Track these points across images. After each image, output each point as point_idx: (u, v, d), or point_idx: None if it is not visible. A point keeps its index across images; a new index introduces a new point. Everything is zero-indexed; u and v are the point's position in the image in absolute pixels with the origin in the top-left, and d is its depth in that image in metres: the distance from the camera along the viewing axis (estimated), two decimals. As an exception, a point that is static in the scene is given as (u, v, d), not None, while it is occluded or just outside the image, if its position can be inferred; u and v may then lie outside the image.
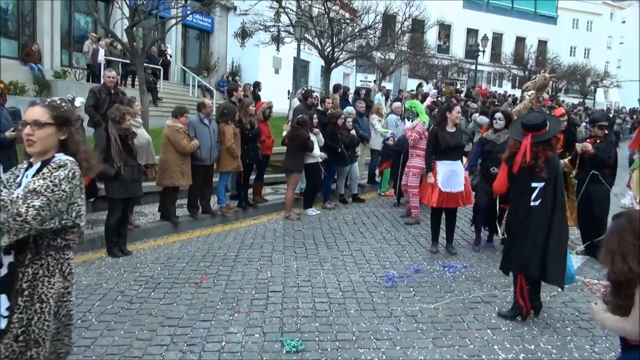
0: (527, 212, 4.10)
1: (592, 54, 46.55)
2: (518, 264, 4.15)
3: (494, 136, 6.12)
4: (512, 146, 4.17)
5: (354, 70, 29.77)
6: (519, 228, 4.15)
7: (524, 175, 4.09)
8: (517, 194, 4.18)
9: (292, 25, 16.98)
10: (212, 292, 4.75)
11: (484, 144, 6.21)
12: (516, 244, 4.18)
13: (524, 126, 4.10)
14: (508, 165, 4.18)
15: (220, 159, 7.22)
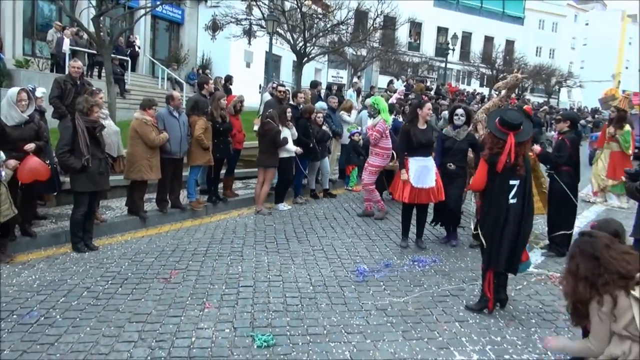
0: (507, 210, 4.17)
1: (557, 54, 47.90)
2: (499, 262, 4.22)
3: (453, 133, 6.16)
4: (494, 144, 4.13)
5: (325, 66, 29.76)
6: (501, 227, 4.17)
7: (504, 174, 4.12)
8: (497, 193, 4.16)
9: (264, 19, 16.85)
10: (181, 287, 4.68)
11: (444, 140, 6.25)
12: (499, 243, 4.19)
13: (508, 125, 4.08)
14: (490, 163, 4.15)
15: (190, 153, 7.12)
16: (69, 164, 5.34)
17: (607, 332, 2.63)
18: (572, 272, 2.77)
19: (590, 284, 2.66)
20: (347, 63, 26.10)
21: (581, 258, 2.73)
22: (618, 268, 2.60)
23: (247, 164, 9.85)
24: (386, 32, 25.28)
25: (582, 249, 2.76)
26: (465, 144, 6.12)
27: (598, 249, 2.68)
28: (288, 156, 7.80)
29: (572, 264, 2.78)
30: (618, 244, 2.78)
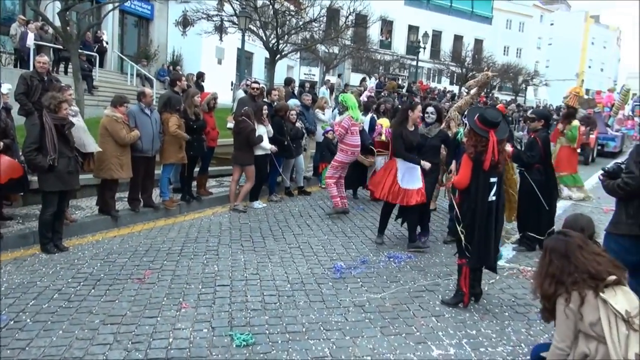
0: (489, 207, 4.24)
1: (524, 53, 49.05)
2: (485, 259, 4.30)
3: (425, 130, 6.18)
4: (478, 143, 4.16)
5: (297, 63, 29.72)
6: (482, 224, 4.24)
7: (486, 172, 4.18)
8: (480, 190, 4.21)
9: (236, 15, 16.70)
10: (156, 287, 4.61)
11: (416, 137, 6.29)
12: (483, 240, 4.26)
13: (489, 123, 4.14)
14: (474, 161, 4.18)
15: (163, 151, 7.00)
16: (36, 163, 5.17)
17: (570, 330, 2.68)
18: (542, 268, 2.84)
19: (556, 281, 2.72)
20: (319, 60, 26.10)
21: (553, 256, 2.80)
22: (589, 268, 2.67)
23: (221, 161, 9.76)
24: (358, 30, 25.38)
25: (555, 248, 2.82)
26: (437, 140, 6.16)
27: (570, 249, 2.75)
28: (263, 154, 7.76)
29: (544, 261, 2.85)
30: (591, 245, 2.84)
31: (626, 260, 3.71)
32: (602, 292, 2.62)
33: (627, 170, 3.68)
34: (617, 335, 2.55)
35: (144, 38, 22.70)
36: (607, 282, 2.64)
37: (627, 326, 2.55)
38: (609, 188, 3.85)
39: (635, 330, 2.55)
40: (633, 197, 3.69)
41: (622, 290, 2.65)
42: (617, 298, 2.60)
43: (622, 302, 2.59)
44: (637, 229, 3.71)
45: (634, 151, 3.75)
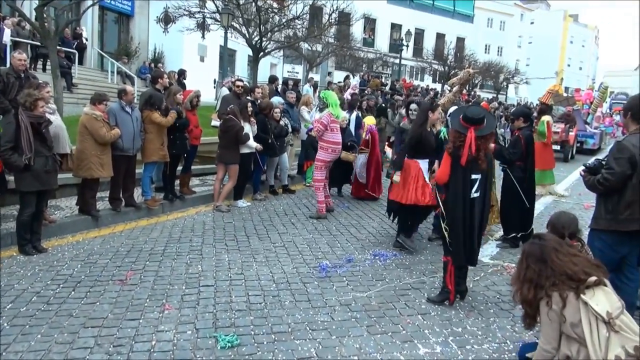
0: (470, 204, 4.24)
1: (505, 52, 49.62)
2: (468, 256, 4.29)
3: (409, 126, 6.15)
4: (456, 138, 4.22)
5: (281, 61, 29.59)
6: (464, 221, 4.25)
7: (466, 168, 4.20)
8: (459, 186, 4.23)
9: (219, 12, 16.53)
10: (139, 289, 4.52)
11: (402, 133, 6.30)
12: (463, 237, 4.26)
13: (468, 120, 4.18)
14: (453, 157, 4.22)
15: (144, 149, 6.89)
16: (12, 162, 5.02)
17: (556, 332, 2.68)
18: (520, 274, 2.84)
19: (535, 285, 2.72)
20: (302, 58, 26.02)
21: (530, 261, 2.79)
22: (565, 269, 2.66)
23: (204, 160, 9.66)
24: (341, 27, 25.40)
25: (531, 252, 2.82)
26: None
27: (546, 252, 2.75)
28: (248, 152, 7.68)
29: (521, 266, 2.85)
30: (567, 247, 2.84)
31: (610, 256, 3.77)
32: (583, 293, 2.61)
33: (607, 166, 3.72)
34: (597, 337, 2.54)
35: (124, 35, 22.35)
36: (588, 283, 2.63)
37: (608, 328, 2.54)
38: (590, 184, 3.89)
39: (616, 331, 2.54)
40: (612, 193, 3.74)
41: (603, 290, 2.65)
42: (598, 299, 2.60)
43: (603, 303, 2.59)
44: (615, 224, 3.76)
45: (614, 148, 3.79)
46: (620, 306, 2.64)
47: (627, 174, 3.61)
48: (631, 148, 3.62)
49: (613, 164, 3.65)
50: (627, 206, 3.68)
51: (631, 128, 3.81)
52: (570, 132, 15.49)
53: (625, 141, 3.69)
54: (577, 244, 3.50)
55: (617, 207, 3.73)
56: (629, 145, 3.63)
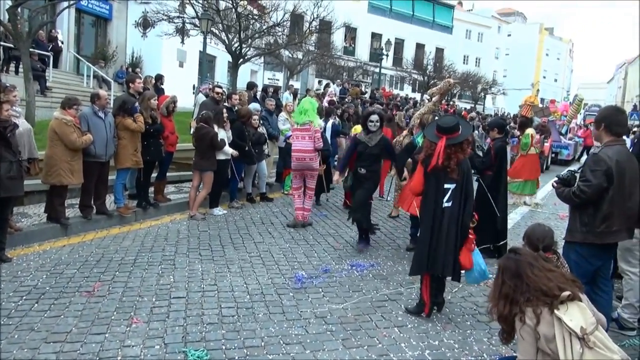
0: (441, 213, 4.20)
1: (483, 63, 50.49)
2: (435, 266, 4.24)
3: (366, 138, 6.08)
4: (428, 148, 4.23)
5: (261, 68, 29.49)
6: (433, 230, 4.22)
7: (438, 177, 4.19)
8: (431, 196, 4.23)
9: (198, 18, 16.37)
10: (106, 301, 4.34)
11: (356, 144, 6.18)
12: (432, 246, 4.23)
13: (440, 129, 4.19)
14: (424, 166, 4.22)
15: (117, 155, 6.71)
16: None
17: (532, 348, 2.62)
18: (496, 289, 2.79)
19: (510, 301, 2.67)
20: (283, 65, 25.96)
21: (505, 276, 2.75)
22: (540, 285, 2.61)
23: (180, 167, 9.49)
24: (322, 35, 25.46)
25: (506, 267, 2.77)
26: (377, 149, 6.08)
27: (521, 267, 2.70)
28: (224, 158, 7.56)
29: (497, 282, 2.80)
30: (542, 262, 2.80)
31: (585, 268, 3.76)
32: (557, 309, 2.56)
33: (584, 178, 3.71)
34: (571, 353, 2.48)
35: (101, 38, 21.97)
36: (562, 298, 2.59)
37: (582, 344, 2.49)
38: (564, 195, 3.88)
39: (590, 347, 2.48)
40: (587, 205, 3.73)
41: (578, 306, 2.61)
42: (572, 314, 2.55)
43: (577, 318, 2.54)
44: (591, 237, 3.75)
45: (590, 160, 3.79)
46: (594, 322, 2.60)
47: (604, 186, 3.61)
48: (607, 160, 3.62)
49: (589, 176, 3.64)
50: (603, 219, 3.67)
51: (605, 140, 3.81)
52: (545, 142, 15.73)
53: (601, 153, 3.68)
54: (552, 257, 3.48)
55: (593, 220, 3.72)
56: (605, 158, 3.63)
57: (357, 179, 6.20)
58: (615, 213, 3.68)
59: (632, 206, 3.76)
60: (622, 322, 4.25)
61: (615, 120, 3.82)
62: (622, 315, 4.26)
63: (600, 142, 3.87)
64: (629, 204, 3.73)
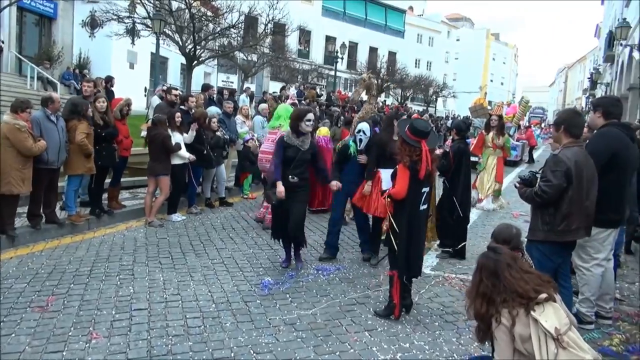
0: (419, 216, 4.23)
1: (434, 66, 51.78)
2: (414, 269, 4.25)
3: (297, 141, 5.32)
4: (413, 152, 4.15)
5: (215, 70, 29.03)
6: (412, 234, 4.23)
7: (419, 182, 4.19)
8: (412, 200, 4.21)
9: (150, 18, 15.94)
10: (62, 316, 4.09)
11: (285, 149, 5.32)
12: (413, 249, 4.25)
13: (420, 133, 4.16)
14: (414, 171, 4.15)
15: (68, 161, 6.37)
16: None
17: (508, 349, 2.66)
18: (474, 287, 2.81)
19: (487, 300, 2.70)
20: (237, 68, 25.65)
21: (483, 274, 2.77)
22: (516, 287, 2.64)
23: (135, 172, 9.15)
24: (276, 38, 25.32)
25: (485, 266, 2.80)
26: (308, 154, 5.39)
27: (500, 267, 2.73)
28: (181, 163, 7.34)
29: (475, 279, 2.82)
30: (520, 263, 2.83)
31: (547, 265, 3.86)
32: (533, 310, 2.60)
33: (545, 179, 3.81)
34: (546, 354, 2.54)
35: (46, 38, 20.96)
36: (538, 300, 2.64)
37: (556, 344, 2.55)
38: (526, 196, 3.98)
39: (563, 348, 2.54)
40: (548, 205, 3.84)
41: (553, 306, 2.66)
42: (547, 315, 2.60)
43: (552, 319, 2.59)
44: (552, 235, 3.87)
45: (550, 161, 3.90)
46: (568, 322, 2.66)
47: (563, 186, 3.73)
48: (567, 161, 3.74)
49: (550, 177, 3.75)
50: (563, 218, 3.80)
51: (564, 141, 3.94)
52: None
53: (561, 154, 3.80)
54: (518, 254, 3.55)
55: (554, 219, 3.84)
56: (564, 159, 3.75)
57: (287, 188, 5.25)
58: (574, 212, 3.81)
59: (590, 205, 3.90)
60: (580, 316, 4.39)
61: (573, 123, 3.96)
62: (580, 310, 4.41)
63: (559, 144, 4.00)
64: (587, 203, 3.87)
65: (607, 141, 4.18)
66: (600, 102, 4.45)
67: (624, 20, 18.63)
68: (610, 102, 4.46)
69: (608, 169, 4.10)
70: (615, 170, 4.15)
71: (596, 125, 4.38)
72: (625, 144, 4.25)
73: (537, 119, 34.08)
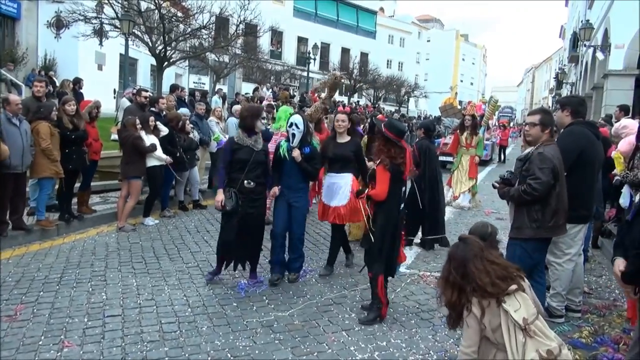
0: (397, 217, 4.27)
1: (405, 67, 52.34)
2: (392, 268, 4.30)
3: (250, 141, 4.92)
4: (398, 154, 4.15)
5: (186, 71, 28.65)
6: (395, 234, 4.28)
7: (400, 182, 4.23)
8: (394, 201, 4.22)
9: (118, 19, 15.61)
10: (31, 324, 3.97)
11: (234, 150, 4.93)
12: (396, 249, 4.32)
13: (401, 132, 4.20)
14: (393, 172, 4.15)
15: (34, 164, 6.19)
16: None
17: (476, 336, 2.73)
18: (444, 276, 2.86)
19: (458, 289, 2.75)
20: (209, 69, 25.38)
21: (452, 265, 2.82)
22: (476, 280, 2.71)
23: (106, 175, 8.96)
24: (248, 39, 25.14)
25: (454, 255, 2.85)
26: (263, 155, 5.02)
27: (467, 258, 2.78)
28: (159, 164, 7.23)
29: (446, 268, 2.87)
30: (488, 253, 2.88)
31: (527, 263, 3.92)
32: (504, 302, 2.67)
33: (534, 176, 3.81)
34: (515, 343, 2.63)
35: (9, 39, 20.29)
36: (509, 291, 2.70)
37: (524, 334, 2.63)
38: (511, 194, 3.99)
39: (531, 337, 2.63)
40: (534, 203, 3.88)
41: (522, 297, 2.73)
42: (516, 306, 2.67)
43: (521, 310, 2.67)
44: (543, 232, 3.93)
45: (536, 159, 3.92)
46: (535, 312, 2.74)
47: (551, 183, 3.80)
48: (552, 158, 3.81)
49: (539, 174, 3.78)
50: (552, 214, 3.87)
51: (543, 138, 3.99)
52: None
53: (546, 152, 3.85)
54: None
55: (543, 215, 3.88)
56: (549, 156, 3.82)
57: (243, 194, 4.86)
58: (561, 208, 3.91)
59: (566, 201, 4.01)
60: (551, 310, 4.50)
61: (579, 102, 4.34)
62: (551, 304, 4.52)
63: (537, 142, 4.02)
64: (565, 198, 3.98)
65: (575, 138, 4.30)
66: (569, 102, 4.58)
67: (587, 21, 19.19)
68: (578, 102, 4.60)
69: (576, 166, 4.21)
70: (583, 167, 4.27)
71: (563, 123, 4.49)
72: (591, 141, 4.38)
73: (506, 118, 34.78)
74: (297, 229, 5.19)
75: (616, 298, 5.14)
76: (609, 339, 4.08)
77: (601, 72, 17.21)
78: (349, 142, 5.45)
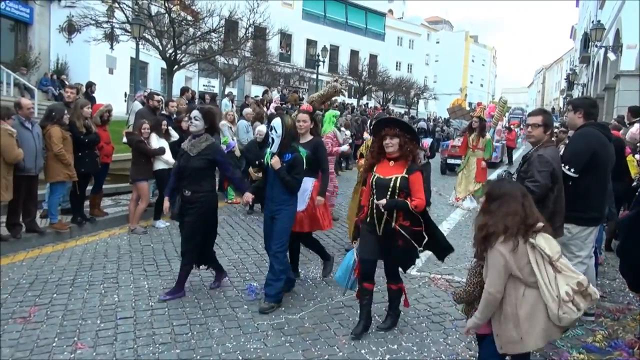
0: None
1: (414, 69, 52.22)
2: None
3: (187, 145, 4.69)
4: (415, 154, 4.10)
5: (196, 74, 28.83)
6: None
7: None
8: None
9: (129, 23, 15.76)
10: (45, 326, 4.02)
11: (180, 155, 4.78)
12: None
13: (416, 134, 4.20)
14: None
15: (47, 168, 6.27)
16: None
17: (498, 278, 2.77)
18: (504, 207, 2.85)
19: (520, 220, 2.78)
20: (218, 72, 25.52)
21: (511, 198, 2.87)
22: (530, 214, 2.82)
23: (117, 178, 9.04)
24: (257, 42, 25.25)
25: (513, 192, 2.89)
26: (202, 161, 4.62)
27: (522, 195, 2.88)
28: (167, 168, 7.27)
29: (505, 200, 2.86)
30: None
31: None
32: (533, 238, 2.78)
33: (533, 179, 3.81)
34: (547, 277, 2.73)
35: (22, 44, 20.56)
36: (537, 228, 2.80)
37: (553, 269, 2.74)
38: None
39: (559, 271, 2.74)
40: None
41: (544, 237, 2.83)
42: (542, 244, 2.78)
43: (546, 247, 2.77)
44: None
45: (536, 161, 3.93)
46: (559, 250, 2.83)
47: (549, 186, 3.78)
48: (552, 161, 3.80)
49: (538, 177, 3.77)
50: (550, 217, 3.84)
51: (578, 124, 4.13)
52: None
53: (545, 155, 3.84)
54: None
55: None
56: (549, 159, 3.80)
57: (182, 201, 4.76)
58: (558, 211, 3.88)
59: (564, 204, 3.98)
60: (563, 314, 4.47)
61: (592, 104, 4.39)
62: (563, 307, 4.48)
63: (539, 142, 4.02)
64: (562, 201, 3.96)
65: (587, 140, 4.26)
66: (582, 103, 4.55)
67: (599, 22, 19.03)
68: (590, 104, 4.57)
69: (589, 168, 4.18)
70: (595, 170, 4.23)
71: (575, 125, 4.46)
72: (603, 142, 4.34)
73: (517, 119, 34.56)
74: (275, 244, 4.53)
75: (630, 301, 5.08)
76: (623, 343, 4.03)
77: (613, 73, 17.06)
78: (309, 142, 5.16)
